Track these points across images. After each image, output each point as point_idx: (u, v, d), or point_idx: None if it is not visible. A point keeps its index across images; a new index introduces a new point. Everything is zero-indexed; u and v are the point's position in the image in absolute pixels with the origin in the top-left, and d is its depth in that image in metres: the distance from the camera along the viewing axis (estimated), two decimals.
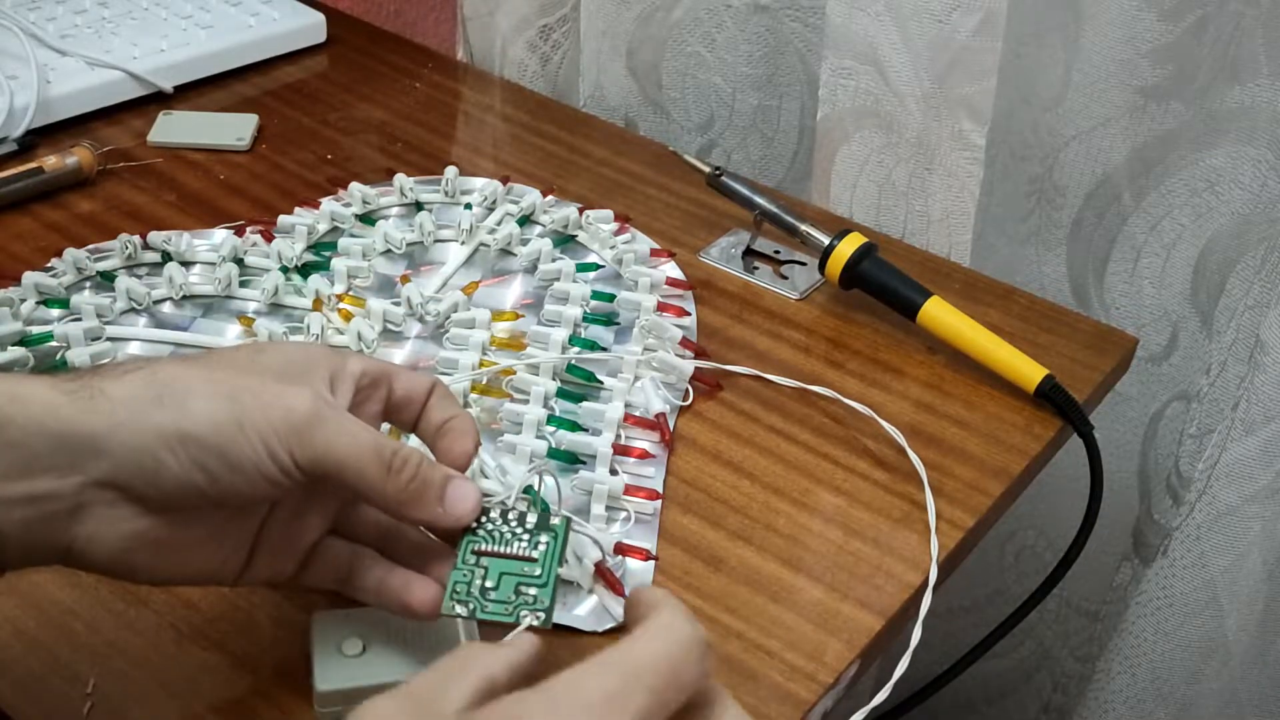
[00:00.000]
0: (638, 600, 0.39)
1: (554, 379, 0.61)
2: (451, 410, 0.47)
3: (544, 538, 0.44)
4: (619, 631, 0.50)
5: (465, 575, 0.43)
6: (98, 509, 0.41)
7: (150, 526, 0.41)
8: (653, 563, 0.53)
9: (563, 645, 0.48)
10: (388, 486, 0.42)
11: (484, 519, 0.45)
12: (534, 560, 0.44)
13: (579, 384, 0.62)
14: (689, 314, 0.68)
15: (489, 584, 0.43)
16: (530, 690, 0.34)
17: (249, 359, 0.44)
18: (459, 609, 0.43)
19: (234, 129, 0.82)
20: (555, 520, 0.45)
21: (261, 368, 0.43)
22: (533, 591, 0.43)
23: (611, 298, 0.68)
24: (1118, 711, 0.80)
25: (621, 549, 0.53)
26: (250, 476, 0.41)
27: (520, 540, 0.44)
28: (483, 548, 0.44)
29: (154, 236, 0.69)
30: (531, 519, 0.45)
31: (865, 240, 0.69)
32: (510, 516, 0.45)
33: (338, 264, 0.68)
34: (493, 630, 0.42)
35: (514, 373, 0.61)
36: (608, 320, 0.67)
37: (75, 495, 0.40)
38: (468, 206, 0.75)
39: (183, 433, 0.40)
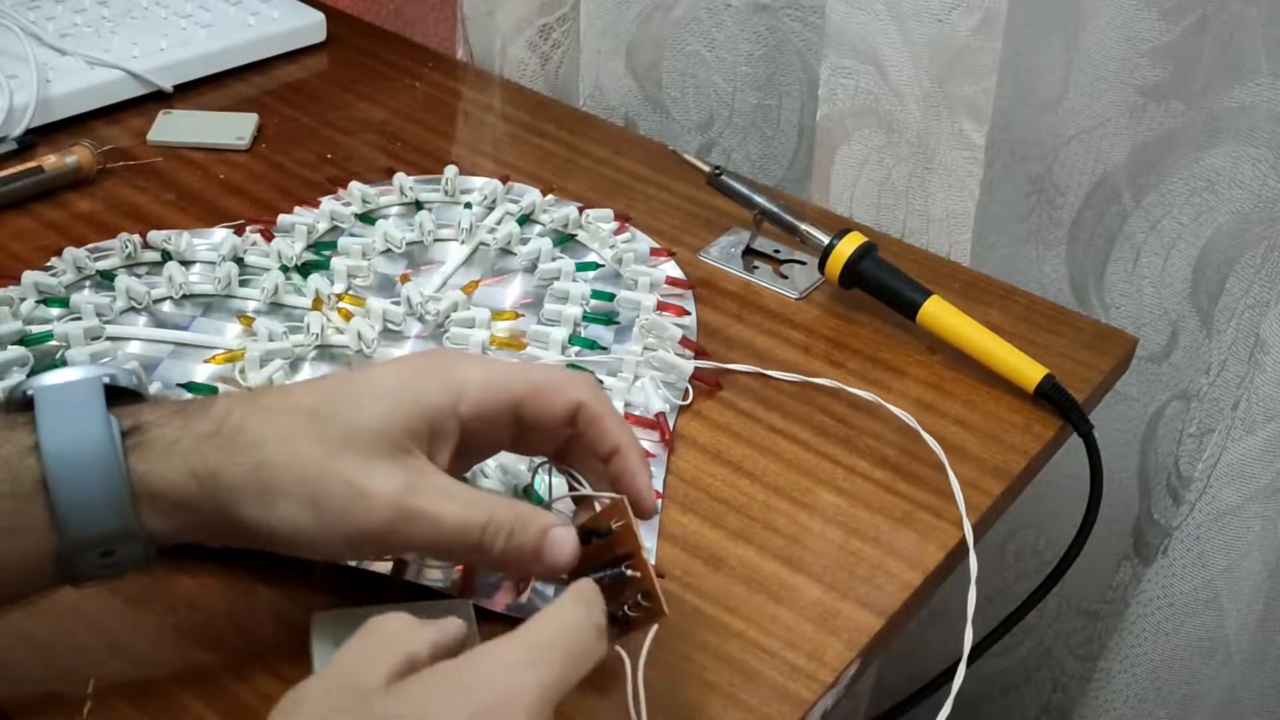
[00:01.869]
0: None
1: None
2: (610, 436, 0.45)
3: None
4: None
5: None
6: None
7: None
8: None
9: None
10: (479, 558, 0.45)
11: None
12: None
13: None
14: (689, 313, 0.68)
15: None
16: (451, 660, 0.38)
17: (344, 424, 0.43)
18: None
19: (234, 128, 0.82)
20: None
21: (352, 436, 0.43)
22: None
23: (611, 297, 0.68)
24: (1118, 711, 0.80)
25: None
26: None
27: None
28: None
29: (154, 236, 0.69)
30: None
31: (865, 240, 0.69)
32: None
33: (337, 263, 0.68)
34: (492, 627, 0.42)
35: None
36: (607, 319, 0.67)
37: None
38: (467, 206, 0.75)
39: (271, 530, 0.43)
